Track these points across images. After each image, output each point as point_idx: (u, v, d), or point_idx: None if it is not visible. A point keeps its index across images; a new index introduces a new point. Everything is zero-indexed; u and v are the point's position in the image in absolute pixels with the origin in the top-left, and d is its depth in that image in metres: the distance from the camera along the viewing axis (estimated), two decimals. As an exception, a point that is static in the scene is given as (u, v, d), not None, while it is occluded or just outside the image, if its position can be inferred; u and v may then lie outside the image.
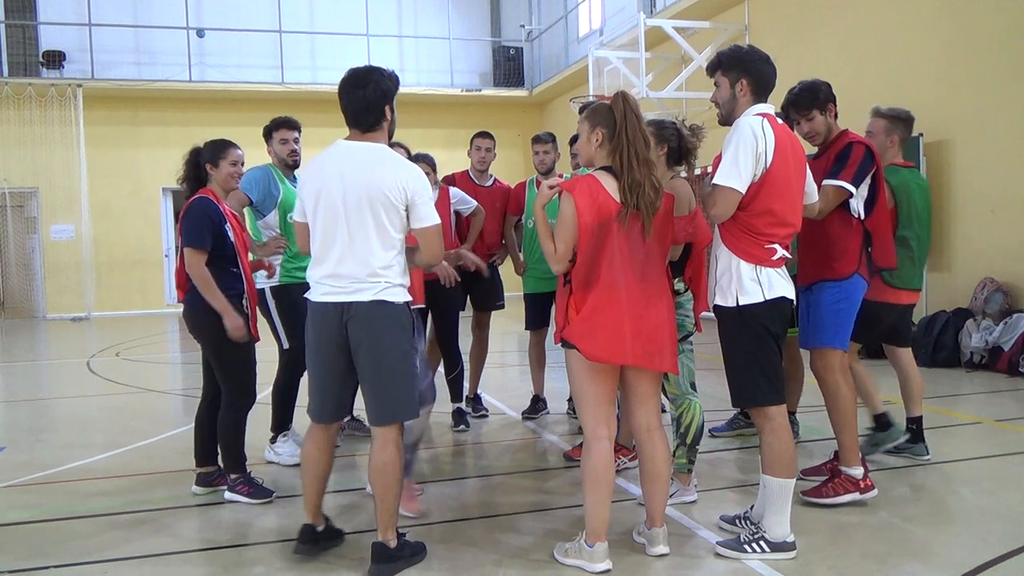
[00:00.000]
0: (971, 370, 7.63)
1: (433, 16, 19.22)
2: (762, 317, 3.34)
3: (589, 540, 3.27)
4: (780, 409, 3.38)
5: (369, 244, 3.21)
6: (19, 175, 16.17)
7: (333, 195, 3.22)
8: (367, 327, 3.22)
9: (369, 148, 3.29)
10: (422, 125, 15.99)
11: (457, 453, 5.42)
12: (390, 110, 3.35)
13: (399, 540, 3.33)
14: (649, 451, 3.36)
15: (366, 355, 3.24)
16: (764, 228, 3.31)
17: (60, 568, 3.45)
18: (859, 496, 3.87)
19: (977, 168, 8.41)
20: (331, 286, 3.25)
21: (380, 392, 3.28)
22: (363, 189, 3.19)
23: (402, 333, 3.30)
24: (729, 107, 3.47)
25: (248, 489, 4.22)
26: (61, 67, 16.70)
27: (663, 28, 12.29)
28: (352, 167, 3.23)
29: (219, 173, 4.27)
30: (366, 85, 3.27)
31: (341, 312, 3.23)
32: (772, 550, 3.33)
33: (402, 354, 3.30)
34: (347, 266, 3.22)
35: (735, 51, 3.52)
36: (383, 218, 3.21)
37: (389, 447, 3.28)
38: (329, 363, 3.32)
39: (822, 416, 5.46)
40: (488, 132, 6.23)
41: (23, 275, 16.98)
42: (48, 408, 7.63)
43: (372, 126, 3.32)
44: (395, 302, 3.26)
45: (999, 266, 8.15)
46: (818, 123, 4.01)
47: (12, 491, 4.64)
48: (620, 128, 3.22)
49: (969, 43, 8.52)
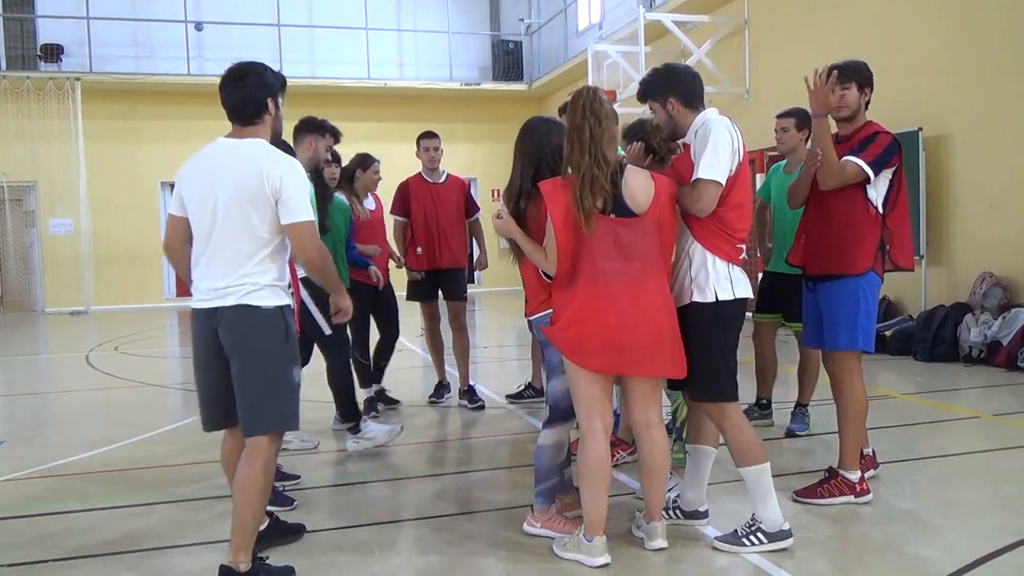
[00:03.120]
0: (970, 364, 7.63)
1: (432, 10, 19.18)
2: (735, 313, 3.39)
3: (587, 534, 3.27)
4: (736, 405, 3.44)
5: (237, 245, 3.04)
6: (18, 169, 16.14)
7: (204, 195, 3.08)
8: (234, 333, 3.05)
9: (243, 144, 3.13)
10: (421, 119, 15.90)
11: (455, 446, 5.43)
12: (274, 105, 3.20)
13: (254, 564, 3.10)
14: (648, 447, 3.36)
15: (235, 362, 3.07)
16: (735, 223, 3.36)
17: (59, 562, 3.45)
18: (853, 500, 3.85)
19: (976, 163, 8.41)
20: (203, 291, 3.10)
21: (248, 401, 3.08)
22: (231, 187, 3.03)
23: (272, 338, 3.08)
24: (671, 126, 3.52)
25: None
26: (59, 60, 16.66)
27: (662, 22, 12.29)
28: (223, 165, 3.09)
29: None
30: (244, 78, 3.15)
31: (211, 318, 3.07)
32: (770, 540, 3.35)
33: (271, 361, 3.08)
34: (215, 269, 3.07)
35: (654, 74, 3.58)
36: (252, 216, 3.03)
37: (256, 460, 3.07)
38: (208, 371, 3.16)
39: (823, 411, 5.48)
40: (432, 132, 6.47)
41: (22, 269, 16.97)
42: (47, 402, 7.63)
43: (252, 118, 3.15)
44: (263, 306, 3.06)
45: (998, 260, 8.15)
46: (851, 97, 3.91)
47: (11, 485, 4.64)
48: (570, 127, 3.22)
49: (968, 38, 8.51)
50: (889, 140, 3.85)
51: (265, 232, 3.06)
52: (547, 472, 3.60)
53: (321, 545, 3.58)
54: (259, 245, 3.06)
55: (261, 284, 3.07)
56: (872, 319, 3.89)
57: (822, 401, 5.60)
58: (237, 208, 3.03)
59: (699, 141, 3.35)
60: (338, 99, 16.95)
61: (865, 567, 3.24)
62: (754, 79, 12.01)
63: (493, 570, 3.29)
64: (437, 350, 6.52)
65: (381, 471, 4.70)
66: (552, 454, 3.60)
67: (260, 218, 3.05)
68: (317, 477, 4.60)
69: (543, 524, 3.58)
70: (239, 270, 3.04)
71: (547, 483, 3.60)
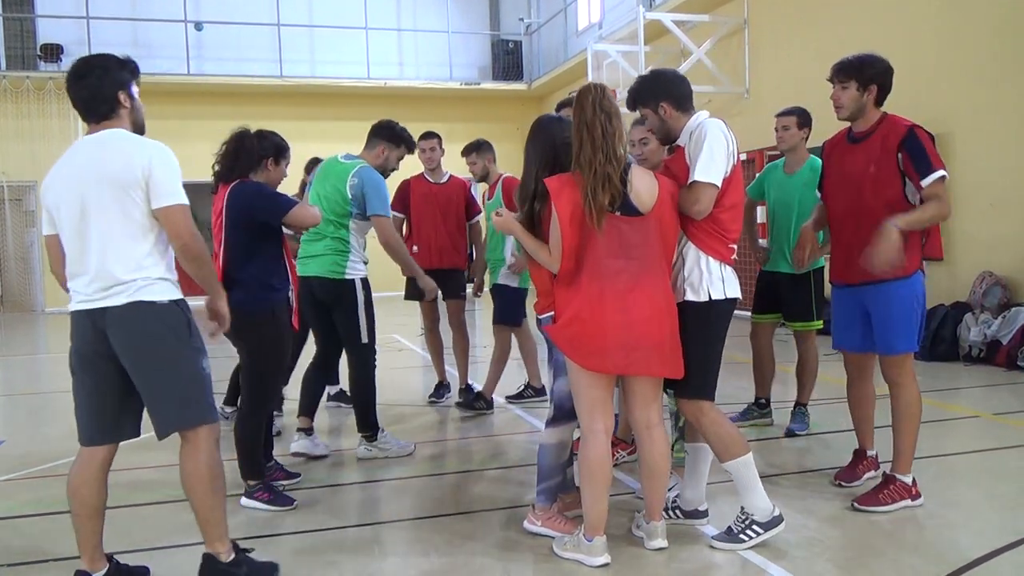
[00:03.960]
0: (969, 364, 7.63)
1: (432, 9, 19.16)
2: (725, 313, 3.41)
3: (587, 534, 3.28)
4: (712, 403, 3.45)
5: (115, 240, 2.87)
6: (17, 168, 16.12)
7: (70, 196, 2.90)
8: (130, 333, 2.88)
9: (105, 136, 2.95)
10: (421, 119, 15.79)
11: (455, 446, 5.43)
12: (127, 97, 3.01)
13: (238, 555, 3.07)
14: (648, 447, 3.36)
15: (134, 364, 2.90)
16: (729, 223, 3.39)
17: (59, 562, 3.45)
18: (911, 503, 3.81)
19: (976, 162, 8.40)
20: (84, 293, 2.90)
21: (162, 400, 2.95)
22: (102, 179, 2.86)
23: (171, 332, 2.93)
24: (663, 131, 3.53)
25: (268, 495, 4.06)
26: (59, 60, 16.62)
27: (662, 22, 12.28)
28: (88, 160, 2.91)
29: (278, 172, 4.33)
30: (88, 74, 2.96)
31: (95, 320, 2.89)
32: (765, 530, 3.38)
33: (176, 355, 2.94)
34: (97, 267, 2.87)
35: (643, 81, 3.59)
36: (126, 205, 2.86)
37: (196, 455, 2.98)
38: (94, 377, 2.97)
39: (831, 409, 5.49)
40: (430, 132, 6.43)
41: (22, 269, 16.95)
42: (47, 402, 7.61)
43: (106, 115, 2.97)
44: (158, 301, 2.90)
45: (998, 260, 8.15)
46: (847, 97, 3.83)
47: (11, 484, 4.64)
48: (579, 124, 3.21)
49: (968, 37, 8.51)
50: (926, 134, 3.74)
51: (143, 220, 2.89)
52: (550, 471, 3.60)
53: (321, 545, 3.58)
54: (139, 235, 2.89)
55: (153, 278, 2.91)
56: (923, 319, 3.83)
57: (822, 400, 5.61)
58: (111, 198, 2.86)
59: (694, 143, 3.35)
60: (338, 99, 16.96)
61: (865, 567, 3.24)
62: (754, 78, 11.99)
63: (493, 570, 3.29)
64: (437, 350, 6.53)
65: (381, 471, 4.70)
66: (555, 453, 3.60)
67: (136, 205, 2.87)
68: (318, 477, 4.60)
69: (544, 523, 3.58)
70: (126, 265, 2.87)
71: (549, 482, 3.61)
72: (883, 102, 3.89)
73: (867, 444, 4.20)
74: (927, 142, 3.70)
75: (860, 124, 3.89)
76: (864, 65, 3.85)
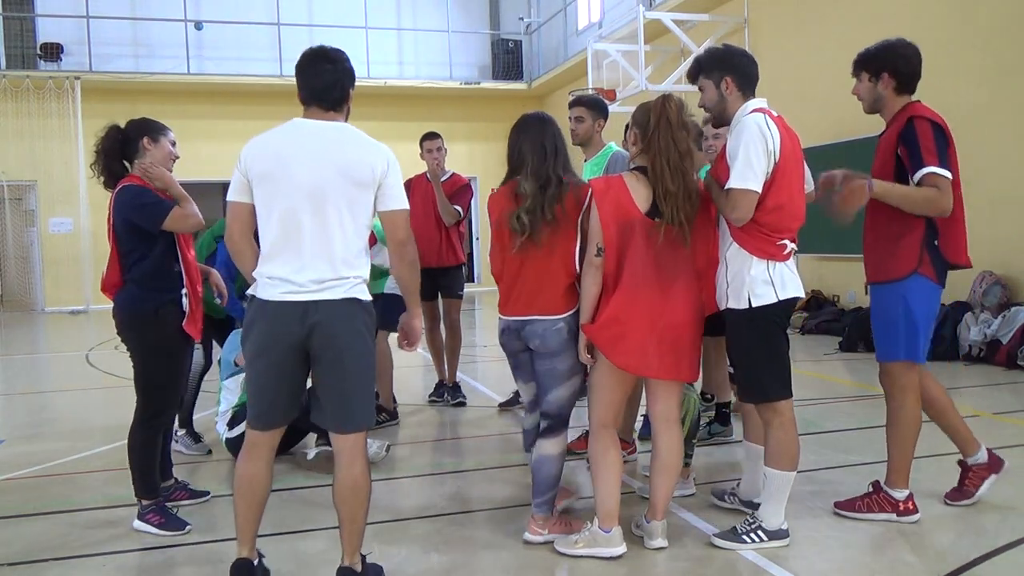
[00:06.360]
0: (969, 363, 7.64)
1: (432, 9, 19.18)
2: (773, 316, 3.31)
3: (604, 525, 3.31)
4: (789, 403, 3.38)
5: (343, 235, 2.87)
6: (17, 168, 16.15)
7: (302, 179, 2.85)
8: (338, 328, 2.86)
9: (338, 127, 2.96)
10: (421, 118, 15.94)
11: (455, 445, 5.44)
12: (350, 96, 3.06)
13: (363, 563, 3.06)
14: (665, 442, 3.40)
15: (336, 358, 2.88)
16: (776, 223, 3.26)
17: (59, 561, 3.46)
18: (895, 518, 3.61)
19: (975, 161, 8.38)
20: (295, 283, 2.84)
21: (345, 399, 2.92)
22: (337, 173, 2.86)
23: (369, 334, 2.97)
24: (719, 108, 3.43)
25: (160, 519, 3.74)
26: (59, 59, 16.66)
27: (662, 21, 12.30)
28: (319, 147, 2.89)
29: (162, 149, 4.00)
30: (335, 61, 2.99)
31: (306, 311, 2.84)
32: (769, 538, 3.37)
33: (371, 355, 2.98)
34: (314, 259, 2.85)
35: (712, 52, 3.51)
36: (358, 204, 2.89)
37: (358, 461, 2.97)
38: (283, 367, 2.90)
39: (821, 409, 5.49)
40: (433, 132, 6.38)
41: (22, 268, 16.98)
42: (47, 401, 7.63)
43: (334, 105, 2.99)
44: (365, 300, 2.94)
45: (998, 259, 8.15)
46: (860, 90, 3.69)
47: (11, 484, 4.64)
48: (652, 133, 3.24)
49: (968, 36, 8.51)
50: (928, 127, 3.49)
51: (366, 220, 2.93)
52: (553, 481, 3.54)
53: (321, 545, 3.58)
54: (362, 234, 2.93)
55: (363, 278, 2.94)
56: (920, 328, 3.52)
57: (822, 400, 5.60)
58: (346, 194, 2.86)
59: (732, 141, 3.30)
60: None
61: (865, 567, 3.25)
62: (754, 78, 11.97)
63: (493, 570, 3.30)
64: (437, 350, 6.52)
65: (381, 471, 4.69)
66: (557, 464, 3.54)
67: (365, 206, 2.91)
68: (318, 476, 4.60)
69: (550, 530, 3.51)
70: (346, 261, 2.87)
71: (549, 494, 3.53)
72: (911, 89, 3.67)
73: (965, 452, 3.90)
74: (924, 135, 3.47)
75: (885, 115, 3.69)
76: (871, 55, 3.65)
